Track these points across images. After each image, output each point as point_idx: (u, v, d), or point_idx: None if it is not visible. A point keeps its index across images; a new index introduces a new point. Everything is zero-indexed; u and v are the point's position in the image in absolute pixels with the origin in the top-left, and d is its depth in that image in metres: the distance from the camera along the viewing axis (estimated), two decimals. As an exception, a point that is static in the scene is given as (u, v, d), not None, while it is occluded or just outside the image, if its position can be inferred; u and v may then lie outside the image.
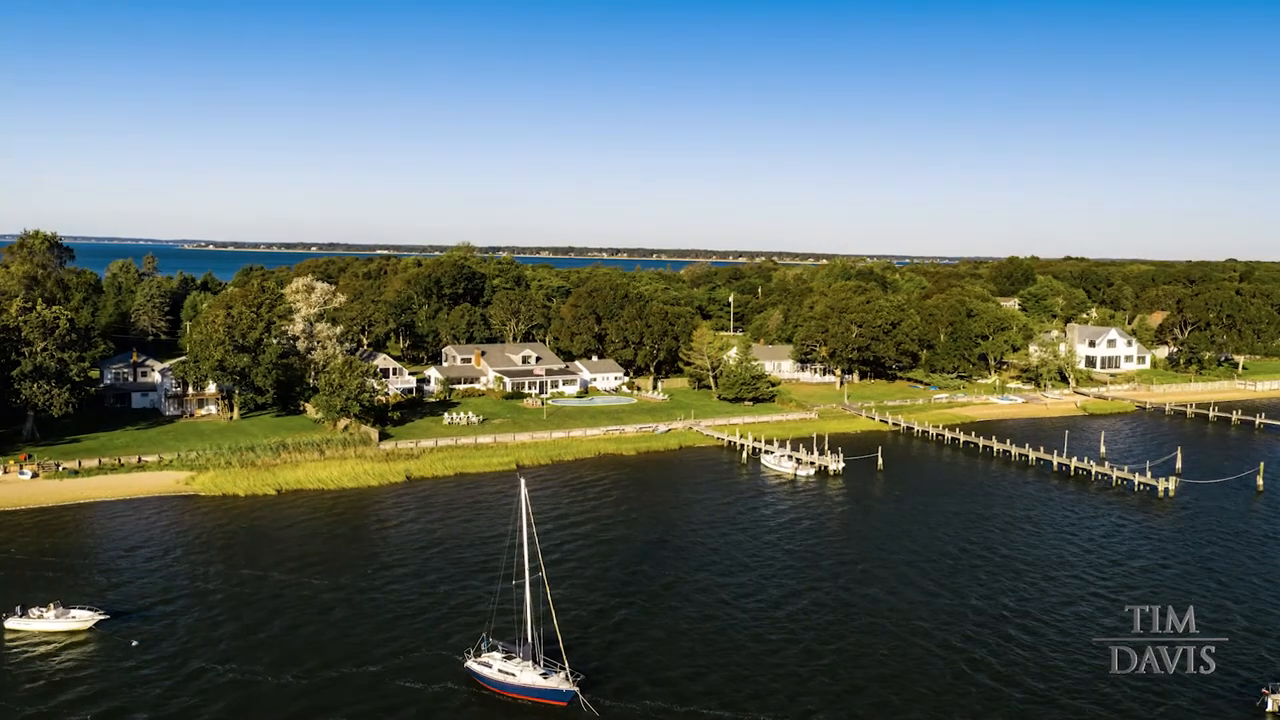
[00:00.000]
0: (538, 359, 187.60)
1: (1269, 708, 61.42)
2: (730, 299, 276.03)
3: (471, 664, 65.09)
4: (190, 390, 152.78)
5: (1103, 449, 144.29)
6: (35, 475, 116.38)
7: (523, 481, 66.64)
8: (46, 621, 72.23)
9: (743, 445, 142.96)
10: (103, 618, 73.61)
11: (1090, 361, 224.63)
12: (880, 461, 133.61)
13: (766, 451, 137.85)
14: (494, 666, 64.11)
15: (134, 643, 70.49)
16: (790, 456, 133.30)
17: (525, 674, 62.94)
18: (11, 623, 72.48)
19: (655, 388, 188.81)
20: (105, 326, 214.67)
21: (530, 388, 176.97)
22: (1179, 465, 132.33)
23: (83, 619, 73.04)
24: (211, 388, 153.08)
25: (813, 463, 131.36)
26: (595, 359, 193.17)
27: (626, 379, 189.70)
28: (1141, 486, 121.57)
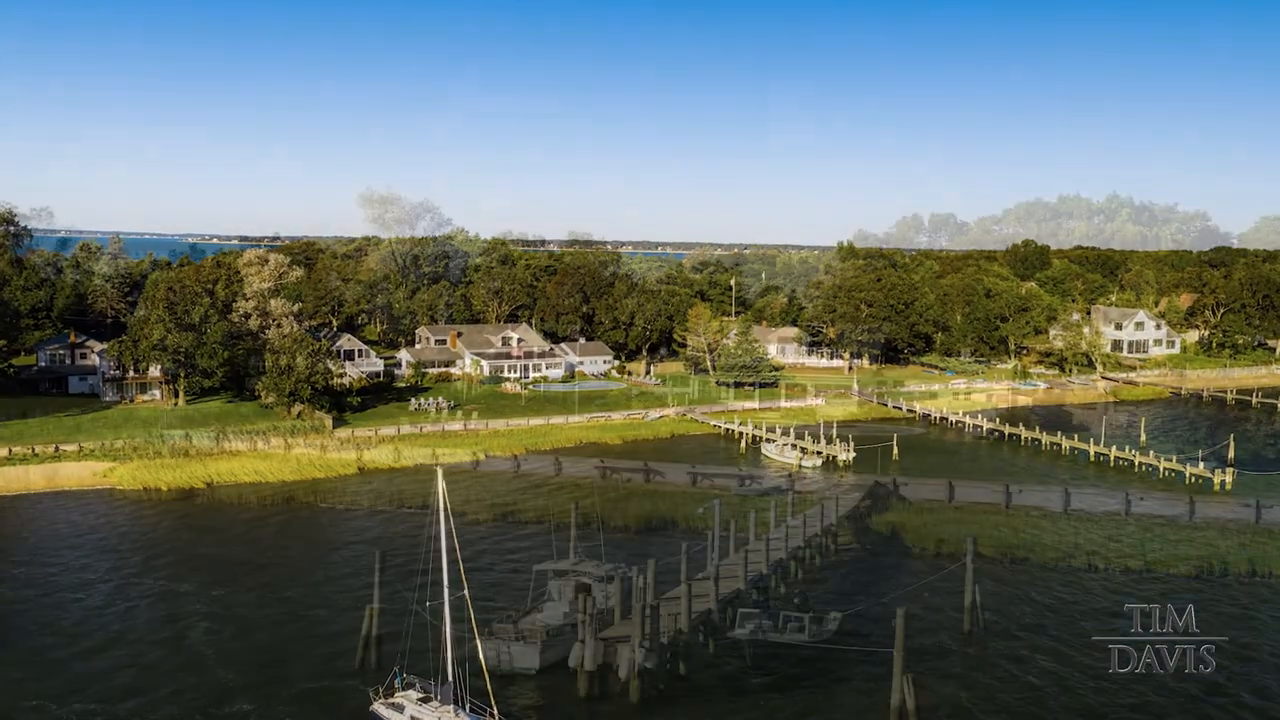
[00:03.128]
0: (519, 341, 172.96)
1: None
2: (732, 282, 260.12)
3: (379, 706, 50.69)
4: (131, 373, 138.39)
5: (1143, 437, 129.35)
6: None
7: (439, 473, 51.62)
8: None
9: (742, 433, 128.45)
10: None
11: (1117, 345, 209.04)
12: (895, 451, 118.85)
13: (768, 440, 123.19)
14: (406, 710, 49.73)
15: (-33, 675, 56.36)
16: (794, 445, 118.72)
17: (444, 722, 48.56)
18: None
19: (648, 372, 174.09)
20: (63, 309, 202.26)
21: (510, 371, 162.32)
22: (1231, 455, 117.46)
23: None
24: (155, 370, 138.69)
25: (819, 452, 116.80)
26: (583, 341, 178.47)
27: (616, 363, 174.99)
28: (1194, 478, 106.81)
